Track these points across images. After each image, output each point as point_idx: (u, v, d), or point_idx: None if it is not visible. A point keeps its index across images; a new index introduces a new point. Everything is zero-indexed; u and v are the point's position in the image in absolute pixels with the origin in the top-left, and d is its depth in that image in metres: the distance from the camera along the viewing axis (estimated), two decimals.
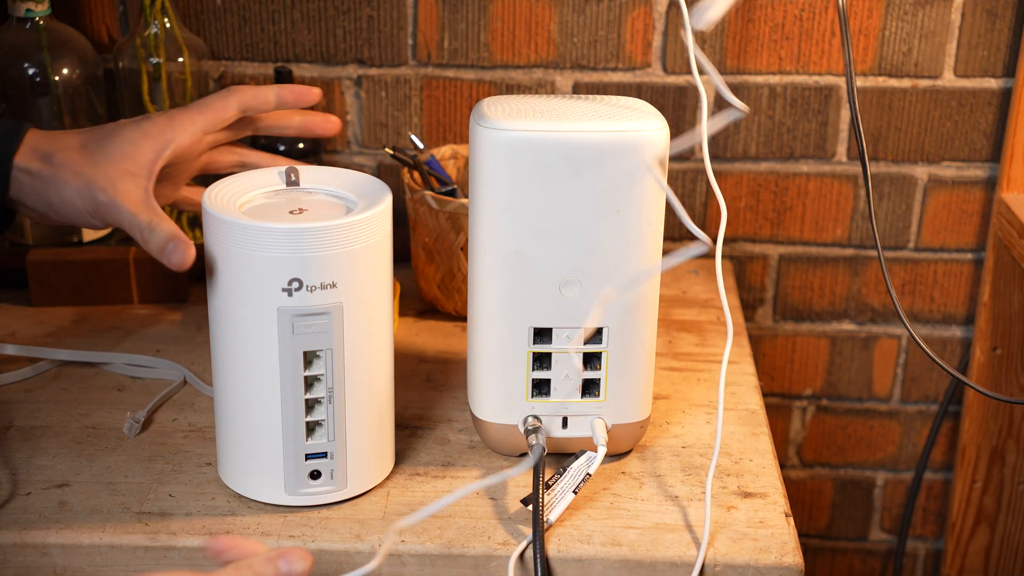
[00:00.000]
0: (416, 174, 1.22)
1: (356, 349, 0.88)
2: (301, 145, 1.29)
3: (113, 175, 0.91)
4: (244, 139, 1.37)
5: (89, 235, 1.27)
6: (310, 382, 0.88)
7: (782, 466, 1.50)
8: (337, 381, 0.88)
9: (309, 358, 0.87)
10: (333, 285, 0.86)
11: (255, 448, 0.89)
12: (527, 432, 0.94)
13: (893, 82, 1.33)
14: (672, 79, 1.33)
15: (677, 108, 1.34)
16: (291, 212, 0.89)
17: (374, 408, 0.92)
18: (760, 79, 1.33)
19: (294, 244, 0.84)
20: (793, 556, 0.88)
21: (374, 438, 0.92)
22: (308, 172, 0.94)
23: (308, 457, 0.89)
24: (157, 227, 0.89)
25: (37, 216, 0.94)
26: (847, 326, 1.44)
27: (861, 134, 1.08)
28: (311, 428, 0.89)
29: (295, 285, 0.85)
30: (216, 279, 0.88)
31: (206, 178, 1.19)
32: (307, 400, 0.88)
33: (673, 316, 1.24)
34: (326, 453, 0.89)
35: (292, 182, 0.93)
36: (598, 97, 0.95)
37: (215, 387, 0.91)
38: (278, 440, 0.88)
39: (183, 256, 0.88)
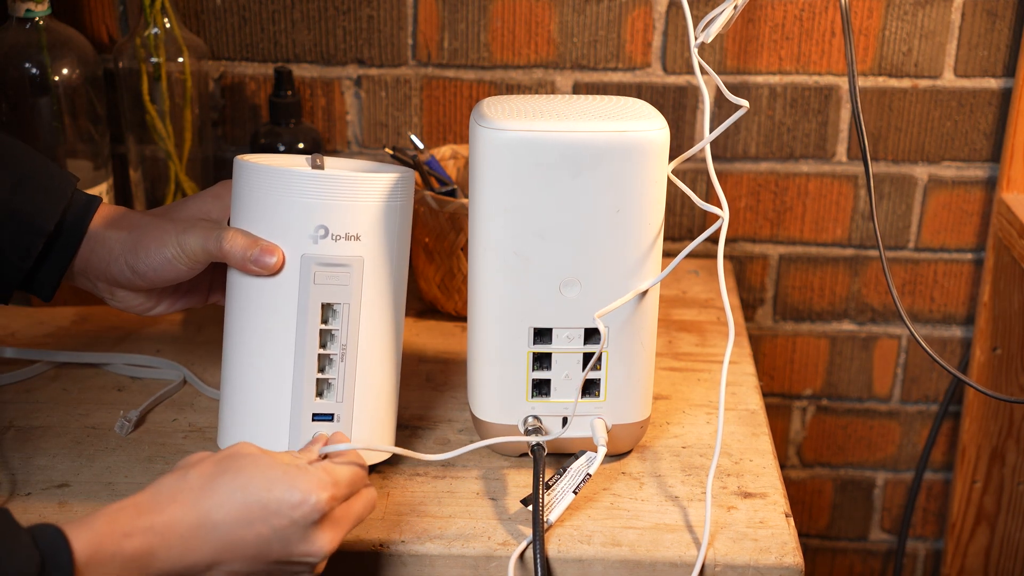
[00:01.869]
0: (416, 174, 1.22)
1: (372, 308, 0.89)
2: (301, 145, 1.29)
3: (190, 221, 0.94)
4: (244, 140, 1.37)
5: None
6: (324, 338, 0.88)
7: (782, 466, 1.50)
8: (351, 339, 0.88)
9: (326, 315, 0.88)
10: (357, 237, 0.87)
11: (262, 406, 0.89)
12: (527, 432, 0.94)
13: (893, 82, 1.33)
14: (672, 79, 1.33)
15: (677, 108, 1.34)
16: None
17: (383, 374, 0.92)
18: (760, 79, 1.33)
19: (324, 190, 0.86)
20: (793, 556, 0.88)
21: (381, 407, 0.92)
22: (332, 160, 0.96)
23: (315, 418, 0.89)
24: (231, 234, 0.89)
25: (112, 282, 0.95)
26: (847, 326, 1.44)
27: (863, 134, 1.08)
28: (321, 388, 0.89)
29: (321, 232, 0.86)
30: (247, 227, 0.89)
31: None
32: (320, 356, 0.88)
33: (673, 316, 1.24)
34: (332, 416, 0.90)
35: (317, 167, 0.94)
36: (598, 97, 0.95)
37: (225, 345, 0.91)
38: (287, 397, 0.89)
39: (268, 258, 0.88)
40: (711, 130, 1.31)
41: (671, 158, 1.08)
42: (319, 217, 0.87)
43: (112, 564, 0.71)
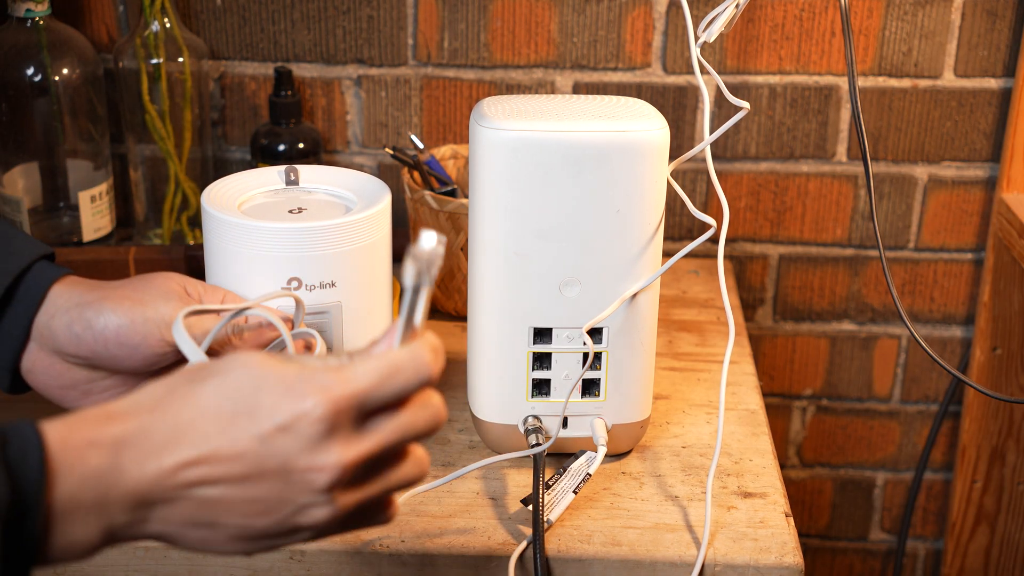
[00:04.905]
0: (416, 174, 1.22)
1: (356, 347, 0.88)
2: (301, 145, 1.29)
3: (155, 299, 0.85)
4: (244, 141, 1.37)
5: (89, 235, 1.27)
6: None
7: (782, 466, 1.50)
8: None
9: None
10: (332, 284, 0.86)
11: None
12: (527, 432, 0.94)
13: (893, 82, 1.33)
14: (672, 79, 1.33)
15: (677, 108, 1.34)
16: (290, 211, 0.89)
17: None
18: (760, 79, 1.33)
19: (293, 243, 0.84)
20: (793, 556, 0.88)
21: None
22: (307, 171, 0.94)
23: None
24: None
25: (54, 348, 0.85)
26: (847, 326, 1.44)
27: (863, 134, 1.08)
28: None
29: (294, 284, 0.85)
30: (215, 278, 0.88)
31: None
32: None
33: (673, 316, 1.24)
34: None
35: (291, 181, 0.93)
36: (598, 97, 0.95)
37: None
38: None
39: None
40: (711, 130, 1.31)
41: (671, 158, 1.08)
42: (290, 270, 0.85)
43: (71, 477, 0.59)
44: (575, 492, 0.91)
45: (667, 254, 1.17)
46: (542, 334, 0.93)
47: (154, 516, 0.61)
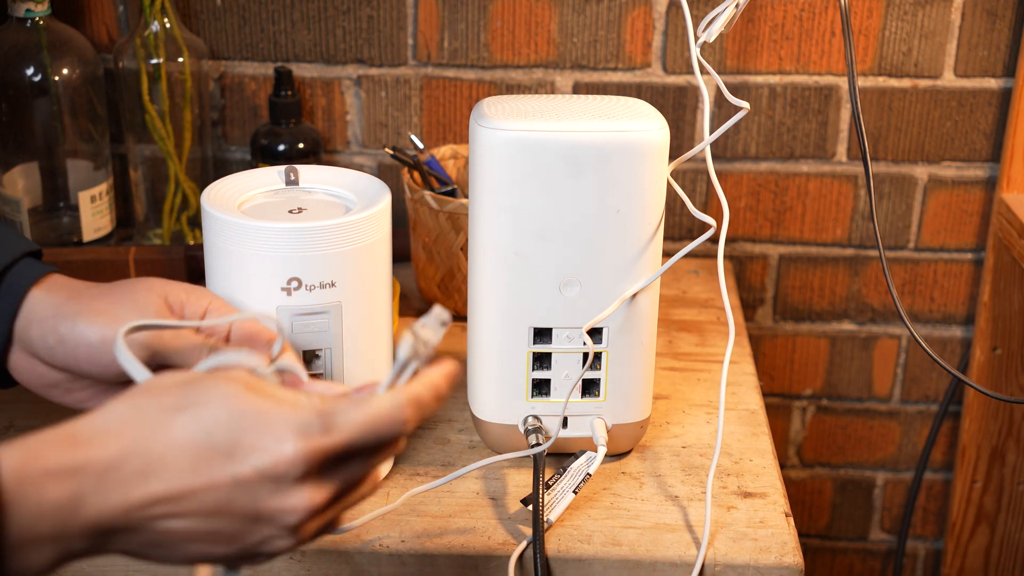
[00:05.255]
0: (416, 174, 1.22)
1: (356, 348, 0.88)
2: (301, 145, 1.29)
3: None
4: (245, 141, 1.37)
5: (89, 235, 1.27)
6: None
7: (782, 466, 1.50)
8: (337, 380, 0.88)
9: (309, 357, 0.87)
10: (332, 284, 0.86)
11: None
12: (527, 432, 0.94)
13: (893, 82, 1.33)
14: (672, 79, 1.33)
15: (677, 108, 1.34)
16: (290, 211, 0.89)
17: None
18: (760, 79, 1.33)
19: (293, 243, 0.84)
20: (793, 556, 0.88)
21: None
22: (307, 171, 0.94)
23: None
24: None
25: (32, 353, 0.83)
26: (847, 326, 1.44)
27: (863, 134, 1.08)
28: None
29: (294, 284, 0.85)
30: (215, 278, 0.88)
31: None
32: None
33: (673, 316, 1.24)
34: None
35: (291, 181, 0.93)
36: (598, 97, 0.95)
37: None
38: None
39: None
40: (711, 130, 1.31)
41: (671, 158, 1.08)
42: (290, 270, 0.85)
43: (27, 509, 0.57)
44: (575, 492, 0.91)
45: (667, 254, 1.17)
46: (542, 334, 0.93)
47: (115, 541, 0.61)
